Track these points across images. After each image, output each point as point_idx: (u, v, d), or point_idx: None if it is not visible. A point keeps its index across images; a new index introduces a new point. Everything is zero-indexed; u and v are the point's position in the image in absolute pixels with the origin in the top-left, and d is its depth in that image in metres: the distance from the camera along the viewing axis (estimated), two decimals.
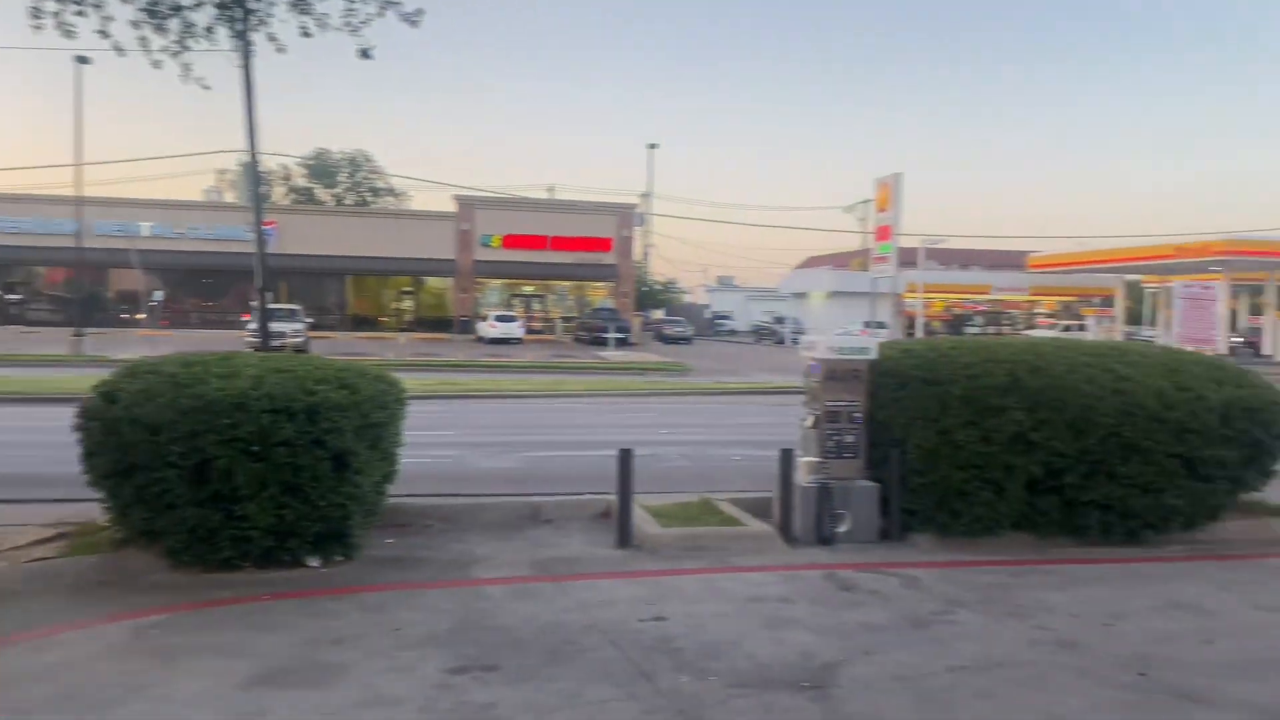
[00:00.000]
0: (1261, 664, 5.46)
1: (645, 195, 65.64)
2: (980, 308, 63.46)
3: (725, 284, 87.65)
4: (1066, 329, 53.58)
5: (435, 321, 50.88)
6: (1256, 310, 57.11)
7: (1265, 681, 5.18)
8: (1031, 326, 59.86)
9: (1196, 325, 34.88)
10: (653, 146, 69.78)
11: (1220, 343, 39.15)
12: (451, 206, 50.77)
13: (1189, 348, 24.79)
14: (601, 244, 51.07)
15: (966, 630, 5.95)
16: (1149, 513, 8.01)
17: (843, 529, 7.96)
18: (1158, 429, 7.87)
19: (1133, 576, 7.26)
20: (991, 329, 59.05)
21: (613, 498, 8.14)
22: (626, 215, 52.40)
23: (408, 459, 8.15)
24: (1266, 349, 47.49)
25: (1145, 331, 57.17)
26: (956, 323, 59.61)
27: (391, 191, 71.10)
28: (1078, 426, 7.76)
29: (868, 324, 34.11)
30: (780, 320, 60.94)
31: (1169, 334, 35.80)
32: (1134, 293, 74.26)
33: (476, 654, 5.38)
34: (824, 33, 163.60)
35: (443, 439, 14.02)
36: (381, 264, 49.66)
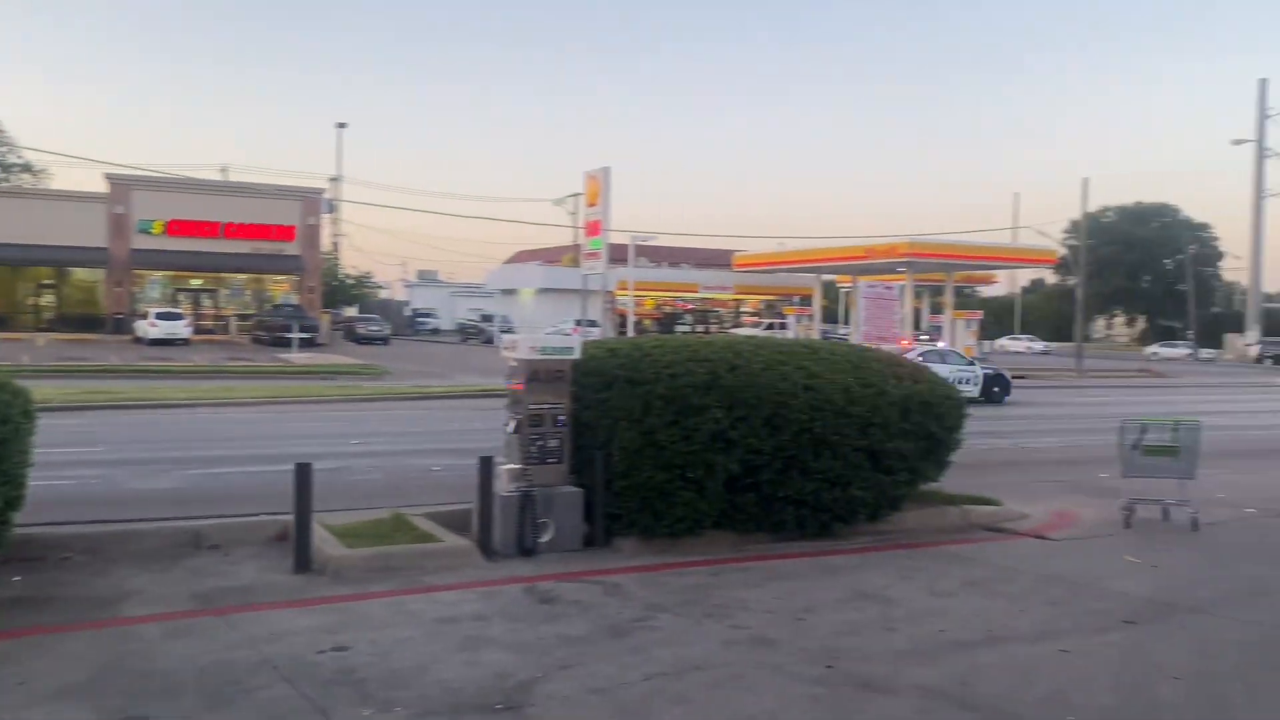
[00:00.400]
0: (936, 648, 6.01)
1: (335, 180, 63.06)
2: (689, 306, 66.88)
3: (427, 279, 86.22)
4: (770, 327, 57.68)
5: (83, 320, 46.05)
6: (937, 309, 64.47)
7: (937, 665, 5.72)
8: (738, 325, 63.94)
9: (879, 324, 38.63)
10: (341, 126, 67.38)
11: (900, 339, 43.69)
12: (103, 187, 46.09)
13: (872, 345, 27.51)
14: (284, 232, 48.38)
15: (666, 635, 6.11)
16: (838, 505, 8.65)
17: (546, 538, 7.97)
18: (845, 424, 8.51)
19: (824, 569, 7.80)
20: (700, 327, 62.29)
21: (290, 518, 7.63)
22: (313, 201, 50.02)
23: (41, 481, 7.40)
24: (946, 346, 53.73)
25: (841, 330, 62.73)
26: (668, 321, 62.38)
27: (28, 168, 63.57)
28: (773, 423, 8.22)
29: (579, 322, 34.76)
30: (488, 318, 60.84)
31: (860, 332, 39.44)
32: (830, 292, 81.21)
33: (122, 705, 4.88)
34: (528, 18, 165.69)
35: (89, 456, 12.69)
36: (15, 252, 44.21)
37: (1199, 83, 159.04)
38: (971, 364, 30.72)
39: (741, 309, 69.77)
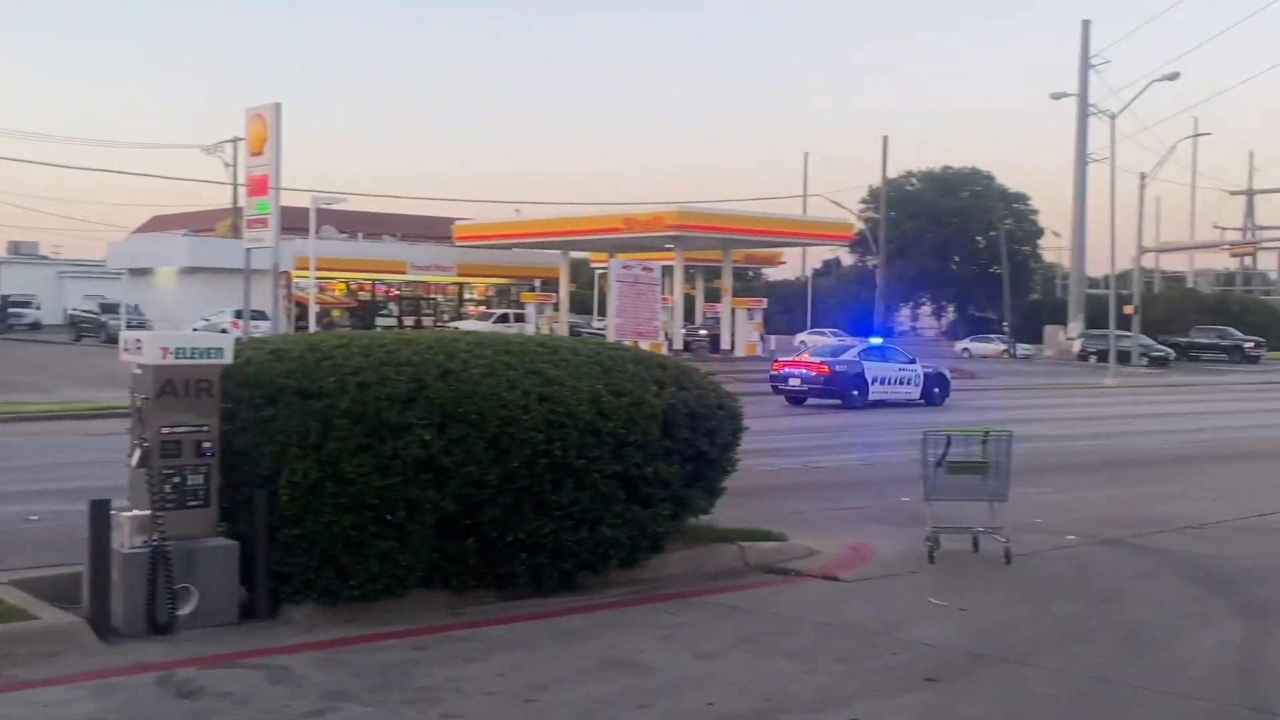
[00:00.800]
0: None
1: None
2: (395, 292, 66.05)
3: (25, 254, 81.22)
4: (504, 319, 57.93)
5: None
6: (713, 295, 67.01)
7: None
8: (461, 317, 63.72)
9: (637, 314, 39.37)
10: None
11: (662, 334, 44.96)
12: None
13: (629, 341, 28.27)
14: None
15: None
16: (585, 550, 8.77)
17: (187, 610, 7.72)
18: (593, 444, 8.63)
19: (564, 633, 7.89)
20: (410, 320, 61.64)
21: None
22: None
23: None
24: (726, 342, 55.90)
25: (596, 323, 63.84)
26: (365, 312, 61.30)
27: None
28: (500, 445, 8.23)
29: (240, 314, 33.43)
30: (110, 308, 57.70)
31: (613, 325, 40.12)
32: (583, 274, 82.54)
33: None
34: None
35: None
36: None
37: (1019, 31, 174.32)
38: (912, 362, 33.39)
39: (466, 296, 69.67)
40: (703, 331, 58.56)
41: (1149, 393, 42.40)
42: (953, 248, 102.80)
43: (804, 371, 31.48)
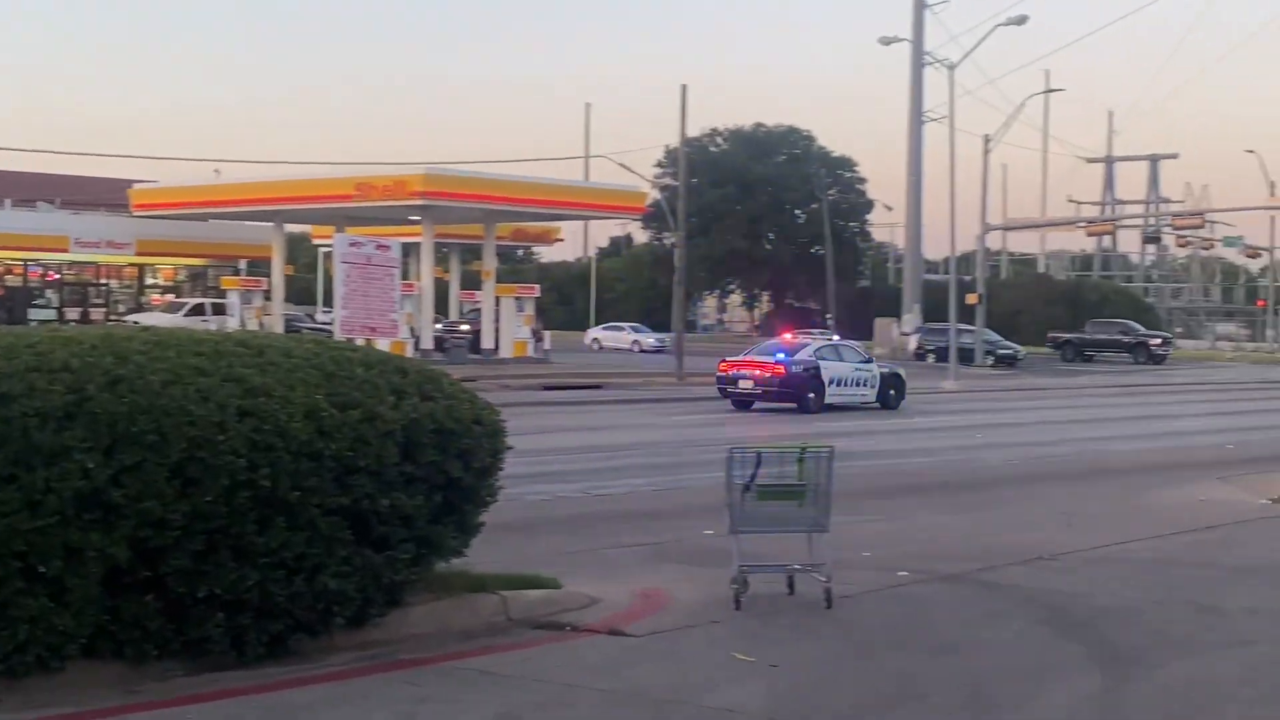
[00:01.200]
0: None
1: None
2: (54, 275, 63.70)
3: None
4: (198, 311, 56.53)
5: None
6: (474, 282, 66.77)
7: None
8: (141, 308, 61.91)
9: (370, 303, 38.72)
10: None
11: (405, 329, 44.57)
12: None
13: (360, 339, 27.83)
14: None
15: None
16: (301, 606, 8.60)
17: None
18: (311, 470, 8.47)
19: (276, 713, 7.73)
20: (75, 313, 59.59)
21: None
22: None
23: None
24: (488, 340, 55.79)
25: (321, 315, 62.84)
26: (13, 302, 59.13)
27: None
28: (188, 474, 8.02)
29: None
30: None
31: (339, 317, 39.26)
32: (304, 253, 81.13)
33: None
34: None
35: None
36: None
37: None
38: (869, 362, 37.00)
39: (149, 281, 67.66)
40: (464, 327, 58.40)
41: (996, 398, 44.38)
42: (767, 223, 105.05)
43: (757, 373, 34.43)
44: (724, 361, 36.88)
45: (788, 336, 41.50)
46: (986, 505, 17.59)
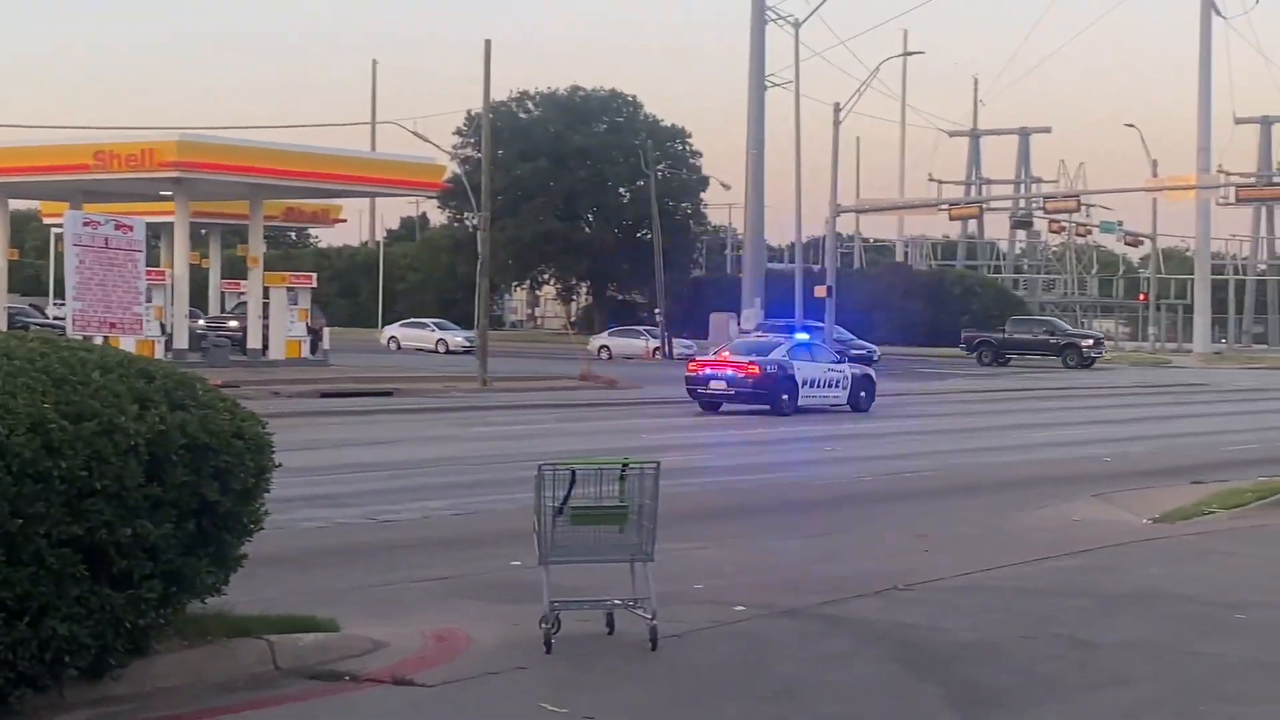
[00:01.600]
0: None
1: None
2: None
3: None
4: None
5: None
6: (238, 270, 65.75)
7: None
8: None
9: (109, 293, 38.00)
10: None
11: (149, 323, 43.65)
12: None
13: (98, 336, 27.18)
14: None
15: None
16: (25, 656, 8.39)
17: None
18: (36, 494, 8.27)
19: None
20: None
21: None
22: None
23: None
24: (255, 340, 54.92)
25: (53, 307, 61.30)
26: None
27: None
28: None
29: None
30: None
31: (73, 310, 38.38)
32: (33, 233, 79.15)
33: None
34: None
35: None
36: None
37: None
38: (840, 361, 40.46)
39: None
40: (233, 324, 57.58)
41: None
42: (585, 202, 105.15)
43: (730, 373, 37.22)
44: (693, 361, 40.85)
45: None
46: (835, 527, 17.81)
